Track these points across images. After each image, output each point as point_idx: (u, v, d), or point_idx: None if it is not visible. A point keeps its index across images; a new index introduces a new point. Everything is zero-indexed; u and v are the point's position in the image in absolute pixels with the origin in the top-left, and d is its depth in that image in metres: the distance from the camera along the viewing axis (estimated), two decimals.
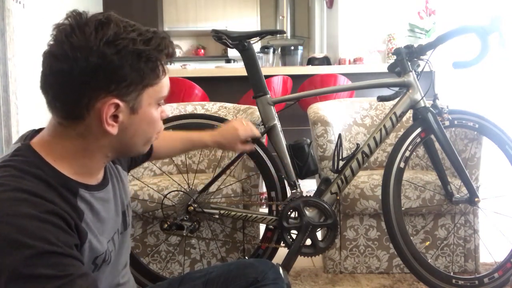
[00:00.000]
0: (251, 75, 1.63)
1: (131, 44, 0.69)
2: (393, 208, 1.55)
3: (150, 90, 0.74)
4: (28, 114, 2.90)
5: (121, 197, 0.90)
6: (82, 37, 0.68)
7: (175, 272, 1.81)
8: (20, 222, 0.60)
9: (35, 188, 0.65)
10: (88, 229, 0.73)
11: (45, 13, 3.21)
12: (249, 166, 1.79)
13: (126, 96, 0.71)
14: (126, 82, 0.70)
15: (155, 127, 0.79)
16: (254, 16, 6.43)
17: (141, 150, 0.82)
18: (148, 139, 0.80)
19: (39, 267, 0.60)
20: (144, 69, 0.71)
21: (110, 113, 0.71)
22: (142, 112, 0.75)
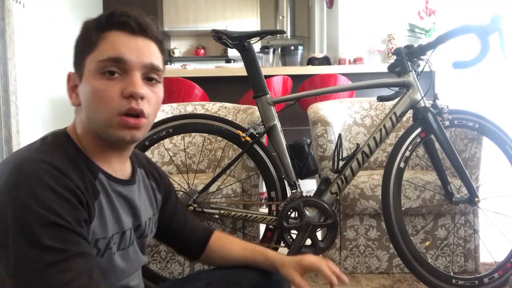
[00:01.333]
0: (251, 75, 1.63)
1: (87, 24, 0.77)
2: (393, 208, 1.55)
3: (90, 57, 0.75)
4: (28, 114, 2.90)
5: (145, 205, 0.91)
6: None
7: (175, 272, 1.81)
8: (37, 190, 0.65)
9: (59, 163, 0.70)
10: (99, 209, 0.76)
11: (45, 13, 3.21)
12: (249, 166, 1.79)
13: (77, 66, 0.78)
14: (76, 53, 0.78)
15: (104, 99, 0.73)
16: (254, 16, 6.43)
17: (107, 132, 0.75)
18: (104, 117, 0.74)
19: (43, 236, 0.64)
20: (84, 37, 0.77)
21: (69, 85, 0.79)
22: (85, 79, 0.75)
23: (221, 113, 2.12)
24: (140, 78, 0.75)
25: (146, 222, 0.91)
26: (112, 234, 0.80)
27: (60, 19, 3.48)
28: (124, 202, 0.84)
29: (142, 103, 0.75)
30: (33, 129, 2.97)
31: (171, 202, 1.03)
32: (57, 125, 3.47)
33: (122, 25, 0.75)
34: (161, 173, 1.01)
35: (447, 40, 1.54)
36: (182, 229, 1.05)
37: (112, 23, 0.75)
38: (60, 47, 3.48)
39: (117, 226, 0.81)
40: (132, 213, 0.86)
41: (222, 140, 2.09)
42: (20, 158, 0.70)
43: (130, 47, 0.74)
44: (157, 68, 0.78)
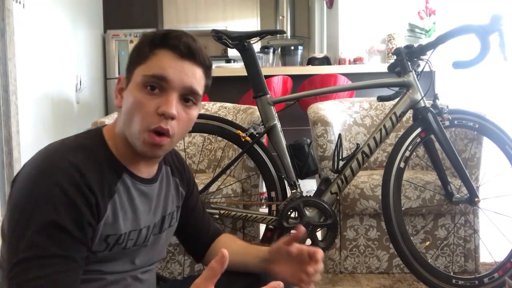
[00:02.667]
0: (251, 75, 1.63)
1: (144, 37, 0.83)
2: (393, 208, 1.55)
3: (139, 68, 0.80)
4: (28, 114, 2.90)
5: (166, 202, 0.93)
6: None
7: (175, 272, 1.81)
8: (46, 189, 0.71)
9: (79, 161, 0.74)
10: (113, 208, 0.79)
11: (45, 13, 3.21)
12: (249, 166, 1.79)
13: (127, 73, 0.83)
14: (130, 61, 0.83)
15: (140, 112, 0.77)
16: (254, 16, 6.43)
17: (135, 142, 0.79)
18: (135, 127, 0.78)
19: (38, 235, 0.69)
20: (139, 50, 0.81)
21: (118, 87, 0.84)
22: (130, 87, 0.80)
23: (221, 113, 2.12)
24: (177, 98, 0.79)
25: (165, 217, 0.94)
26: (129, 231, 0.83)
27: (60, 19, 3.48)
28: (146, 200, 0.87)
29: (171, 123, 0.78)
30: (33, 129, 2.97)
31: (193, 196, 1.06)
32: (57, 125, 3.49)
33: (173, 47, 0.79)
34: (186, 168, 1.04)
35: (447, 40, 1.54)
36: (198, 225, 1.07)
37: (165, 43, 0.79)
38: (60, 47, 3.48)
39: (135, 223, 0.84)
40: (153, 210, 0.89)
41: (222, 140, 2.09)
42: (46, 153, 0.76)
43: (175, 68, 0.78)
44: (195, 92, 0.81)
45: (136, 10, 5.03)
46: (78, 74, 3.88)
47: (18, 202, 0.71)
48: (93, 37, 4.51)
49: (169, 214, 0.95)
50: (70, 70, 3.69)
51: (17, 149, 2.74)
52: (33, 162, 0.76)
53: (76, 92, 3.81)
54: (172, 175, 0.97)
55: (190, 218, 1.05)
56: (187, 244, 1.10)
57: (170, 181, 0.96)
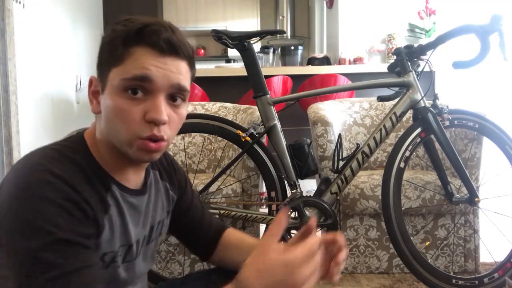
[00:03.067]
0: (251, 75, 1.63)
1: (115, 32, 0.72)
2: (393, 208, 1.55)
3: (114, 70, 0.71)
4: (28, 114, 2.90)
5: (155, 211, 0.88)
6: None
7: (175, 272, 1.81)
8: (41, 205, 0.64)
9: (66, 175, 0.67)
10: (109, 223, 0.74)
11: (45, 13, 3.21)
12: (249, 166, 1.79)
13: (101, 74, 0.74)
14: (101, 61, 0.74)
15: (125, 119, 0.70)
16: (254, 16, 6.43)
17: (126, 151, 0.73)
18: (124, 136, 0.71)
19: (48, 253, 0.62)
20: (111, 49, 0.72)
21: (90, 90, 0.77)
22: (107, 92, 0.72)
23: (221, 113, 2.12)
24: (164, 100, 0.72)
25: (154, 227, 0.89)
26: (119, 246, 0.78)
27: (60, 19, 3.48)
28: (135, 213, 0.82)
29: (164, 128, 0.72)
30: (33, 129, 2.97)
31: (186, 196, 0.99)
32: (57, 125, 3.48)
33: (152, 44, 0.70)
34: (176, 168, 0.97)
35: (447, 40, 1.54)
36: (197, 224, 1.00)
37: (141, 39, 0.70)
38: (60, 47, 3.48)
39: (125, 239, 0.79)
40: (142, 223, 0.84)
41: (222, 140, 2.09)
42: (28, 168, 0.68)
43: (157, 66, 0.70)
44: (183, 89, 0.75)
45: (136, 10, 5.03)
46: (78, 74, 3.88)
47: (10, 229, 0.64)
48: (93, 37, 4.51)
49: (158, 222, 0.90)
50: (70, 70, 3.69)
51: (17, 149, 2.74)
52: (13, 180, 0.67)
53: (76, 92, 3.81)
54: (161, 179, 0.91)
55: (187, 217, 1.00)
56: (191, 244, 1.03)
57: (160, 186, 0.90)
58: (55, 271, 0.63)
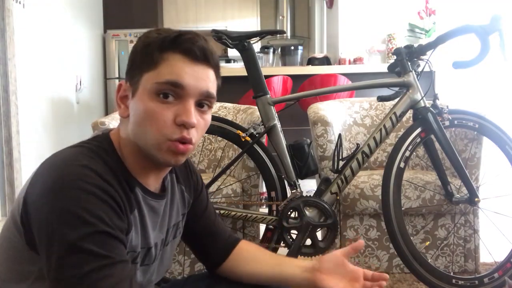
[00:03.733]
0: (251, 75, 1.63)
1: (153, 35, 0.75)
2: (393, 208, 1.55)
3: (147, 75, 0.73)
4: (28, 114, 2.90)
5: (171, 214, 0.89)
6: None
7: (175, 272, 1.81)
8: (81, 197, 0.65)
9: (101, 170, 0.70)
10: (134, 223, 0.76)
11: (45, 13, 3.21)
12: (249, 166, 1.79)
13: (131, 78, 0.76)
14: (133, 66, 0.76)
15: (156, 123, 0.72)
16: (254, 16, 6.43)
17: (153, 154, 0.74)
18: (154, 139, 0.73)
19: (90, 243, 0.64)
20: (145, 53, 0.74)
21: (119, 94, 0.77)
22: (139, 96, 0.74)
23: (221, 113, 2.12)
24: (194, 105, 0.75)
25: (169, 229, 0.90)
26: (140, 248, 0.79)
27: (60, 19, 3.48)
28: (154, 216, 0.83)
29: (192, 132, 0.74)
30: (33, 129, 2.97)
31: (201, 200, 1.00)
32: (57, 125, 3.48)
33: (186, 51, 0.73)
34: (192, 171, 0.98)
35: (447, 40, 1.54)
36: (209, 232, 1.00)
37: (177, 46, 0.73)
38: (60, 47, 3.48)
39: (144, 241, 0.80)
40: (159, 226, 0.85)
41: (222, 140, 2.09)
42: (62, 162, 0.70)
43: (190, 73, 0.73)
44: (211, 96, 0.77)
45: (136, 10, 5.03)
46: (78, 74, 3.88)
47: (48, 221, 0.65)
48: (93, 37, 4.51)
49: (173, 225, 0.91)
50: (70, 70, 3.69)
51: (17, 149, 2.74)
52: (48, 174, 0.69)
53: (76, 92, 3.81)
54: (177, 183, 0.92)
55: (201, 222, 0.99)
56: (200, 252, 1.02)
57: (176, 190, 0.91)
58: (95, 263, 0.64)
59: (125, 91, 0.77)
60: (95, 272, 0.64)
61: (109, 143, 0.77)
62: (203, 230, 0.99)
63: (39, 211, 0.67)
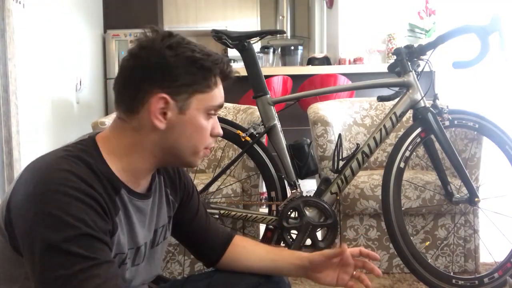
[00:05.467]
0: (251, 75, 1.63)
1: (189, 52, 0.77)
2: (393, 208, 1.55)
3: (200, 96, 0.79)
4: (28, 114, 2.90)
5: (158, 215, 0.91)
6: (150, 40, 0.78)
7: (175, 272, 1.81)
8: (64, 201, 0.67)
9: (83, 174, 0.71)
10: (120, 225, 0.77)
11: (45, 13, 3.21)
12: (249, 166, 1.79)
13: (177, 95, 0.77)
14: (178, 82, 0.77)
15: (202, 136, 0.81)
16: (254, 16, 6.43)
17: (187, 160, 0.83)
18: (195, 148, 0.82)
19: (74, 245, 0.65)
20: (197, 74, 0.78)
21: (159, 107, 0.76)
22: (189, 114, 0.78)
23: (221, 113, 2.13)
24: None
25: (157, 230, 0.91)
26: (128, 249, 0.80)
27: (60, 19, 3.48)
28: (141, 216, 0.84)
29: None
30: (33, 129, 2.97)
31: (193, 204, 1.02)
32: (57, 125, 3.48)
33: (227, 76, 0.83)
34: (182, 176, 1.00)
35: (447, 40, 1.54)
36: (203, 232, 1.02)
37: (226, 73, 0.82)
38: (60, 47, 3.48)
39: (132, 241, 0.82)
40: (147, 226, 0.87)
41: (222, 140, 2.09)
42: (44, 167, 0.71)
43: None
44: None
45: (136, 10, 5.03)
46: (78, 74, 3.88)
47: (31, 225, 0.66)
48: (93, 37, 4.51)
49: (161, 226, 0.92)
50: (70, 70, 3.69)
51: (17, 149, 2.74)
52: (31, 179, 0.70)
53: (76, 92, 3.81)
54: (164, 186, 0.94)
55: (193, 224, 1.01)
56: (196, 251, 1.05)
57: (162, 192, 0.93)
58: (81, 264, 0.65)
59: (170, 107, 0.78)
60: (81, 273, 0.65)
61: (95, 147, 0.78)
62: (197, 232, 1.02)
63: (22, 215, 0.68)
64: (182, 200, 0.99)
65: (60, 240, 0.65)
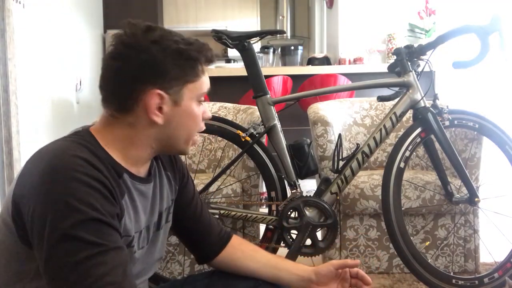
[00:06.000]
0: (251, 75, 1.63)
1: (174, 44, 0.78)
2: (393, 208, 1.55)
3: (191, 86, 0.81)
4: (28, 114, 2.90)
5: (161, 198, 0.92)
6: (133, 38, 0.78)
7: (175, 272, 1.81)
8: (73, 186, 0.67)
9: (89, 158, 0.72)
10: (126, 208, 0.78)
11: (45, 13, 3.21)
12: (249, 166, 1.79)
13: (169, 89, 0.79)
14: (168, 76, 0.78)
15: (196, 122, 0.84)
16: (254, 16, 6.43)
17: (182, 147, 0.86)
18: (189, 135, 0.84)
19: (81, 231, 0.66)
20: (185, 65, 0.80)
21: (155, 103, 0.78)
22: (184, 105, 0.81)
23: (221, 113, 2.12)
24: None
25: (162, 213, 0.93)
26: (134, 232, 0.81)
27: (60, 19, 3.48)
28: (144, 200, 0.86)
29: None
30: (33, 129, 2.97)
31: (188, 188, 1.02)
32: (57, 125, 3.49)
33: (211, 62, 0.84)
34: (178, 161, 1.02)
35: (447, 40, 1.54)
36: (197, 221, 1.02)
37: (210, 59, 0.84)
38: (60, 47, 3.48)
39: (137, 225, 0.83)
40: (150, 209, 0.88)
41: (222, 140, 2.09)
42: (51, 153, 0.72)
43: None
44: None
45: (136, 10, 5.03)
46: (78, 74, 3.88)
47: (40, 210, 0.66)
48: (93, 37, 4.51)
49: (165, 209, 0.94)
50: (70, 70, 3.69)
51: (17, 149, 2.73)
52: (38, 166, 0.70)
53: (76, 92, 3.81)
54: (163, 170, 0.95)
55: (189, 210, 1.01)
56: (191, 243, 1.05)
57: (163, 176, 0.95)
58: (87, 251, 0.65)
59: (165, 102, 0.79)
60: (88, 260, 0.65)
61: (91, 136, 0.79)
62: (192, 220, 1.02)
63: (31, 203, 0.68)
64: (180, 183, 1.00)
65: (68, 226, 0.65)
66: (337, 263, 0.99)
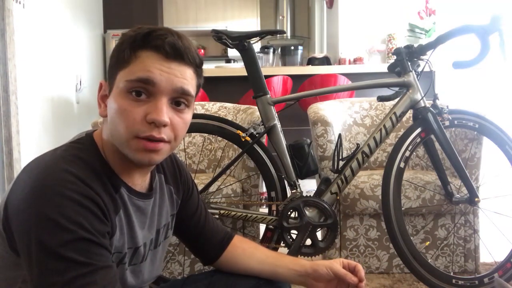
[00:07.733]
0: (251, 75, 1.63)
1: (124, 36, 0.75)
2: (393, 208, 1.55)
3: (121, 73, 0.73)
4: (28, 114, 2.90)
5: (160, 214, 0.89)
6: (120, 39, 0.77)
7: (175, 272, 1.81)
8: (61, 203, 0.65)
9: (82, 174, 0.69)
10: (120, 224, 0.76)
11: (45, 13, 3.21)
12: (249, 166, 1.79)
13: (109, 78, 0.76)
14: (110, 65, 0.76)
15: (124, 119, 0.71)
16: (254, 16, 6.43)
17: (126, 151, 0.73)
18: (122, 134, 0.72)
19: (70, 251, 0.64)
20: (119, 52, 0.74)
21: (100, 93, 0.78)
22: (113, 94, 0.74)
23: (221, 113, 2.12)
24: (167, 103, 0.73)
25: (160, 230, 0.90)
26: (127, 248, 0.79)
27: (60, 19, 3.48)
28: (141, 216, 0.83)
29: (164, 130, 0.73)
30: (33, 129, 2.97)
31: (193, 200, 1.00)
32: (57, 125, 3.48)
33: (157, 48, 0.72)
34: (182, 173, 0.98)
35: (447, 40, 1.54)
36: (200, 230, 1.01)
37: (148, 43, 0.72)
38: (60, 47, 3.48)
39: (131, 241, 0.80)
40: (148, 226, 0.85)
41: (222, 140, 2.09)
42: (43, 167, 0.69)
43: (161, 70, 0.71)
44: (187, 93, 0.74)
45: (136, 10, 5.03)
46: (78, 74, 3.88)
47: (28, 227, 0.64)
48: (93, 37, 4.51)
49: (164, 225, 0.91)
50: (70, 70, 3.69)
51: (17, 149, 2.73)
52: (28, 180, 0.68)
53: (76, 92, 3.81)
54: (166, 183, 0.92)
55: (193, 221, 1.00)
56: (195, 248, 1.04)
57: (164, 191, 0.91)
58: (76, 271, 0.64)
59: (105, 90, 0.77)
60: (77, 279, 0.64)
61: (93, 144, 0.77)
62: (196, 229, 1.01)
63: (19, 217, 0.66)
64: (184, 196, 0.98)
65: (56, 244, 0.63)
66: (337, 272, 0.94)
